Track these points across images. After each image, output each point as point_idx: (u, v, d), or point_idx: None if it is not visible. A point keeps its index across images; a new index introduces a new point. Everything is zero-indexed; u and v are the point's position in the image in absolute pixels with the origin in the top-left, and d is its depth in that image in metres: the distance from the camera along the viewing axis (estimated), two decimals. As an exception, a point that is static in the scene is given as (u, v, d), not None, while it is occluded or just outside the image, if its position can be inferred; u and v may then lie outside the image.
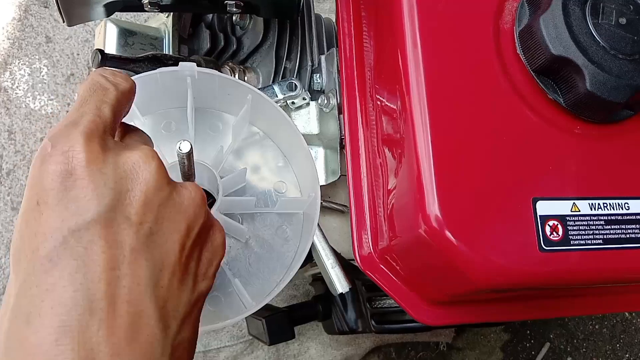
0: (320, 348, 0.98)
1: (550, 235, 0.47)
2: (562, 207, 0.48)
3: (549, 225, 0.47)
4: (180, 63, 0.54)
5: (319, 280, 0.85)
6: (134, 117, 0.58)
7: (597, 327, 1.09)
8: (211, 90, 0.58)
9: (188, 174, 0.43)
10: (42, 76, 1.06)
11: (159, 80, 0.56)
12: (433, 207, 0.46)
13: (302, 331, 0.99)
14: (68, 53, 1.08)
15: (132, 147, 0.34)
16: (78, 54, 1.08)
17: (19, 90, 1.04)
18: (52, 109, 1.04)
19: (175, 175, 0.55)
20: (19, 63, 1.06)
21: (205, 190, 0.59)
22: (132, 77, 0.54)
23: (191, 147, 0.39)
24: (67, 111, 1.05)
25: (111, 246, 0.29)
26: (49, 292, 0.28)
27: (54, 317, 0.27)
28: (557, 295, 0.58)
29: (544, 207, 0.48)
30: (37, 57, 1.07)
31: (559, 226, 0.48)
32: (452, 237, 0.46)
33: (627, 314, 1.09)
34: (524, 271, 0.47)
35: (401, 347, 1.02)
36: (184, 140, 0.39)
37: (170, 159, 0.56)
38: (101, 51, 0.57)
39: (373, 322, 0.75)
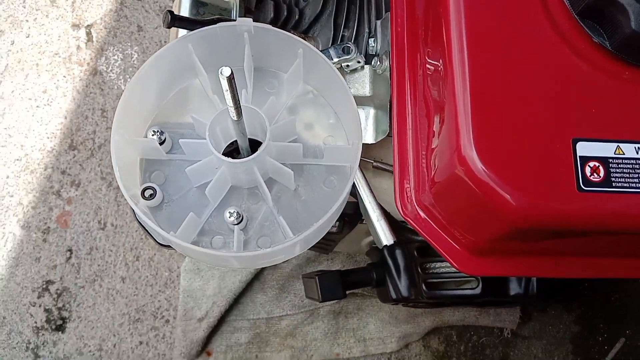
0: (379, 324, 0.99)
1: (590, 176, 0.46)
2: (604, 149, 0.47)
3: (589, 166, 0.47)
4: (238, 19, 0.59)
5: (375, 249, 0.86)
6: (198, 74, 0.63)
7: (681, 326, 1.01)
8: (267, 48, 0.62)
9: (235, 104, 0.47)
10: (133, 61, 1.16)
11: (219, 35, 0.60)
12: (468, 145, 0.47)
13: (362, 307, 1.00)
14: (157, 40, 1.18)
15: None
16: (165, 41, 1.17)
17: (112, 73, 1.15)
18: (140, 90, 1.14)
19: (230, 119, 0.59)
20: (113, 49, 1.17)
21: (259, 141, 0.63)
22: (194, 31, 0.59)
23: (232, 71, 0.43)
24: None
25: None
26: None
27: None
28: (605, 252, 0.56)
29: (585, 148, 0.47)
30: (129, 44, 1.17)
31: (600, 168, 0.47)
32: (486, 175, 0.47)
33: None
34: (560, 211, 0.46)
35: (463, 329, 1.01)
36: (225, 66, 0.43)
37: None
38: (171, 12, 0.63)
39: (424, 288, 0.75)
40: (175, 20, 0.63)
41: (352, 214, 0.69)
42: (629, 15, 0.46)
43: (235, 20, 0.68)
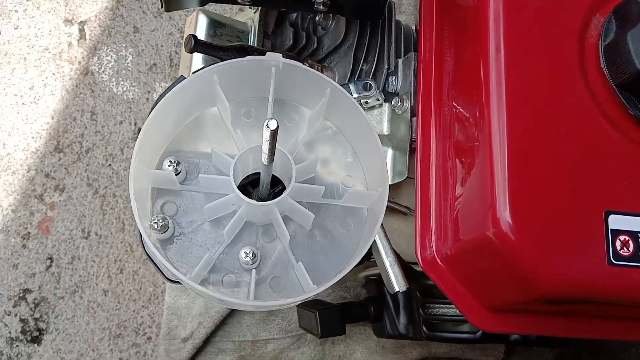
0: (366, 352, 0.98)
1: (620, 250, 0.47)
2: (634, 223, 0.48)
3: (619, 239, 0.47)
4: (267, 53, 0.57)
5: (372, 282, 0.86)
6: (218, 101, 0.61)
7: (654, 367, 1.04)
8: (292, 82, 0.61)
9: (270, 152, 0.45)
10: (127, 64, 1.12)
11: (245, 67, 0.58)
12: (504, 211, 0.47)
13: (350, 334, 0.99)
14: (153, 44, 1.14)
15: None
16: (162, 46, 1.14)
17: (105, 75, 1.11)
18: (133, 95, 1.10)
19: (253, 158, 0.58)
20: (107, 49, 1.12)
21: (275, 177, 0.61)
22: (222, 63, 0.57)
23: (277, 125, 0.42)
24: (147, 99, 1.11)
25: None
26: None
27: None
28: (621, 316, 0.56)
29: (617, 221, 0.47)
30: (124, 45, 1.13)
31: (630, 242, 0.47)
32: (519, 241, 0.46)
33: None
34: (589, 283, 0.47)
35: (447, 361, 1.01)
36: (272, 118, 0.41)
37: (249, 145, 0.59)
38: (194, 37, 0.61)
39: (424, 329, 0.75)
40: (198, 46, 0.61)
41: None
42: (669, 94, 0.47)
43: (259, 48, 0.67)
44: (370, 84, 0.67)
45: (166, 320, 0.96)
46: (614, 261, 0.46)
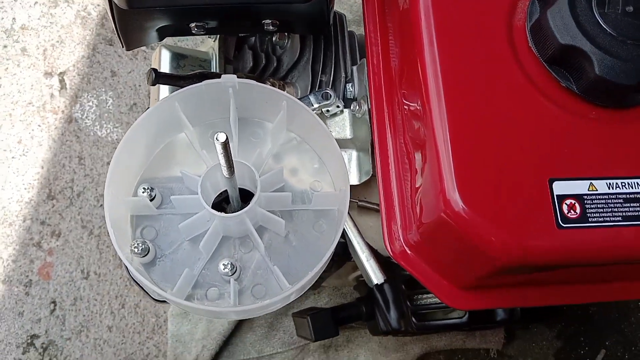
0: (369, 354, 1.00)
1: (567, 213, 0.49)
2: (579, 187, 0.50)
3: (566, 204, 0.50)
4: (222, 75, 0.61)
5: (363, 282, 0.88)
6: (185, 129, 0.64)
7: (656, 335, 1.05)
8: (251, 100, 0.64)
9: (228, 164, 0.48)
10: (108, 106, 1.17)
11: (204, 92, 0.62)
12: (453, 192, 0.50)
13: (351, 339, 1.01)
14: (131, 85, 1.18)
15: None
16: (140, 85, 1.18)
17: (88, 120, 1.15)
18: (117, 135, 1.14)
19: (220, 173, 0.61)
20: (87, 96, 1.17)
21: (247, 190, 0.64)
22: (181, 90, 0.61)
23: (227, 137, 0.45)
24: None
25: None
26: None
27: None
28: (586, 279, 0.59)
29: (561, 187, 0.50)
30: (103, 89, 1.18)
31: (577, 204, 0.50)
32: (470, 218, 0.49)
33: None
34: (541, 248, 0.49)
35: (451, 353, 1.03)
36: (220, 131, 0.44)
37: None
38: (154, 70, 0.64)
39: (414, 320, 0.77)
40: (159, 78, 0.64)
41: (341, 254, 0.71)
42: (592, 62, 0.50)
43: (217, 73, 0.70)
44: (329, 93, 0.70)
45: (171, 348, 0.98)
46: (562, 224, 0.49)
